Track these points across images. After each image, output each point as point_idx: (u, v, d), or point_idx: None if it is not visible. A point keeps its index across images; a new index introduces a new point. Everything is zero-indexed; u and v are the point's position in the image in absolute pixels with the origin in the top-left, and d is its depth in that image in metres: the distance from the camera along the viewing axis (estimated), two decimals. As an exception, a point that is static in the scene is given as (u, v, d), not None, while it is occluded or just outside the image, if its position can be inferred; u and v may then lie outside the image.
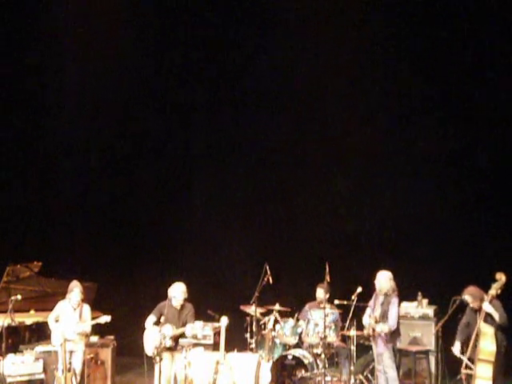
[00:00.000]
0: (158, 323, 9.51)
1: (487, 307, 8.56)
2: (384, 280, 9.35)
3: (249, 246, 12.95)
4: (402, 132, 12.48)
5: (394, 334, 9.30)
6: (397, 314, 9.29)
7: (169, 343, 9.33)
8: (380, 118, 12.59)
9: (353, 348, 9.52)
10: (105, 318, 9.62)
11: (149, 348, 9.38)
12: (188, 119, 13.68)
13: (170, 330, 9.36)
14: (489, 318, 8.63)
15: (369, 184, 12.63)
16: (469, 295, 8.76)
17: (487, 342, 8.43)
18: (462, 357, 8.76)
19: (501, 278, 8.66)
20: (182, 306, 9.56)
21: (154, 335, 9.38)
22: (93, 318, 9.75)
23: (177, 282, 9.64)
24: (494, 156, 11.92)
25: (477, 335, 8.52)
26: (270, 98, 13.23)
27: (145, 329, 9.56)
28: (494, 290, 8.63)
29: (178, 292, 9.52)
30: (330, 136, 12.74)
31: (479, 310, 8.67)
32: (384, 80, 12.46)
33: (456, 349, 8.85)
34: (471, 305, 8.78)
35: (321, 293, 10.39)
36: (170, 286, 9.65)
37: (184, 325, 9.46)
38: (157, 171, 13.83)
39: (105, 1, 13.48)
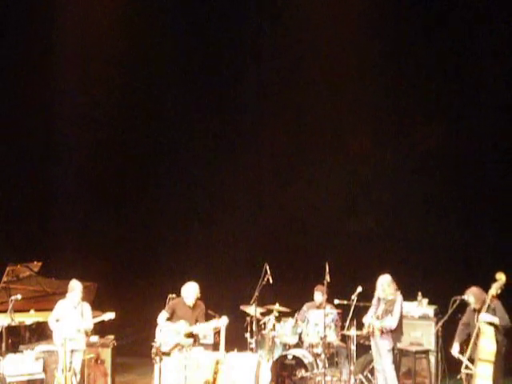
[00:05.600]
0: (170, 320, 9.62)
1: (485, 317, 8.52)
2: (387, 285, 9.34)
3: (249, 246, 12.95)
4: (403, 132, 12.48)
5: (396, 333, 9.31)
6: (399, 313, 9.31)
7: (182, 340, 9.38)
8: (381, 118, 12.60)
9: (353, 348, 9.52)
10: (109, 315, 9.65)
11: (164, 343, 9.37)
12: (190, 119, 13.69)
13: (183, 326, 9.48)
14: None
15: (369, 184, 12.62)
16: (472, 296, 8.74)
17: (487, 342, 8.42)
18: (460, 357, 8.74)
19: (501, 277, 8.64)
20: (195, 305, 9.72)
21: (168, 331, 9.46)
22: (93, 317, 9.74)
23: (190, 281, 9.77)
24: (496, 156, 11.92)
25: (477, 335, 8.51)
26: (268, 99, 13.27)
27: (156, 324, 9.60)
28: (495, 289, 8.62)
29: (190, 292, 9.70)
30: (329, 135, 12.76)
31: (479, 311, 8.65)
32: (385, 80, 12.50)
33: (455, 350, 8.83)
34: (473, 306, 8.76)
35: (319, 295, 10.41)
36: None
37: (196, 323, 9.58)
38: (156, 171, 13.83)
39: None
